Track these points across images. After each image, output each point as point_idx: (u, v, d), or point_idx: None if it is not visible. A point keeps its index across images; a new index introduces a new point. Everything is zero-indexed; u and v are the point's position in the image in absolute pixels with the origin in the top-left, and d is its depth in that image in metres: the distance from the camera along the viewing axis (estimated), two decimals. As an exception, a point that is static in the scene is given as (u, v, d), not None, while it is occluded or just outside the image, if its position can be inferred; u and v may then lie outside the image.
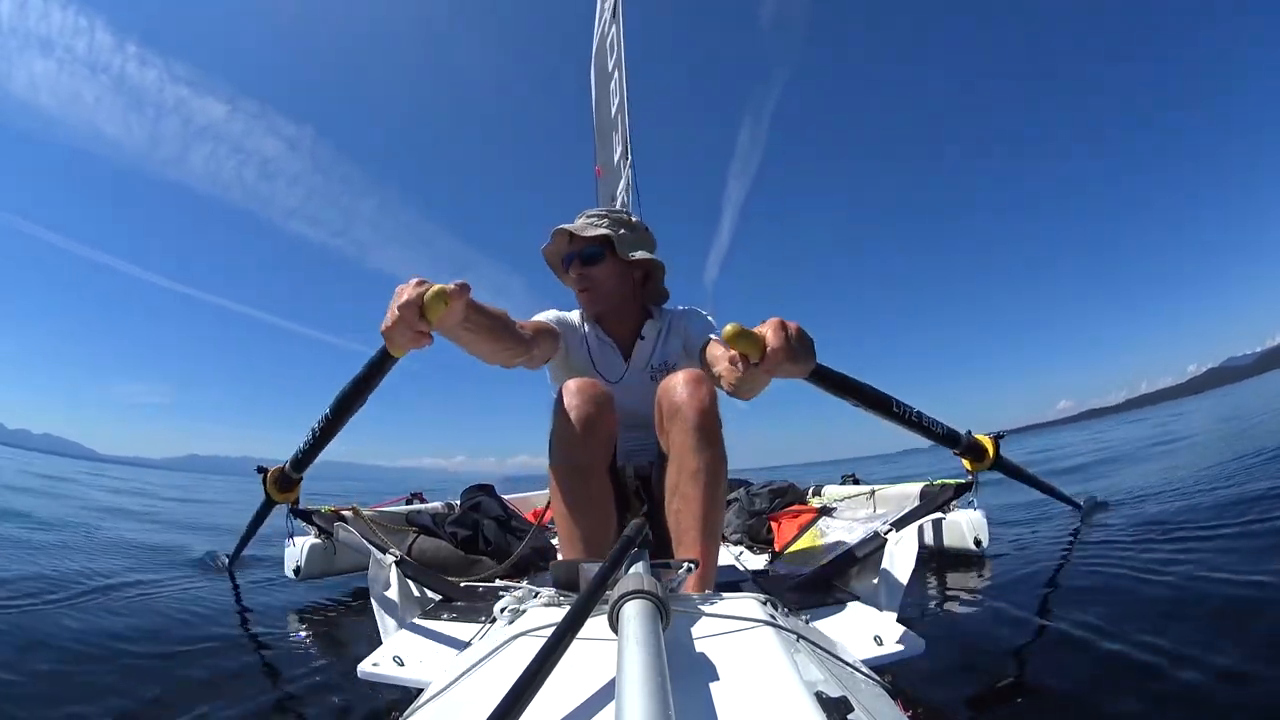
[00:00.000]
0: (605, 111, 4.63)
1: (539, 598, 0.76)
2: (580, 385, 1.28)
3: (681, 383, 1.22)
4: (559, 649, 0.44)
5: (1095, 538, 2.25)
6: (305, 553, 1.82)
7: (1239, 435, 5.59)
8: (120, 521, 4.56)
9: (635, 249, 1.64)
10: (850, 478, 2.93)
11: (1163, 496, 2.90)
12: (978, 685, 1.13)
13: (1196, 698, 0.97)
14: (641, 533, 0.66)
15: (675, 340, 1.69)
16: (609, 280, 1.63)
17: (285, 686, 1.27)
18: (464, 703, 0.52)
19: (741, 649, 0.54)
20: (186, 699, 1.18)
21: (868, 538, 1.47)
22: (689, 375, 1.24)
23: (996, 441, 1.57)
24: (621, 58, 4.39)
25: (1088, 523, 2.52)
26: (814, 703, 0.43)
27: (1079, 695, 1.03)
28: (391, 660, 1.03)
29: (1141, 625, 1.27)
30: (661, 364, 1.67)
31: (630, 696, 0.35)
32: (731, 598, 0.70)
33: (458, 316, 1.04)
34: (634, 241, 1.65)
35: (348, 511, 1.90)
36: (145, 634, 1.58)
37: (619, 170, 4.24)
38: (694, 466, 1.16)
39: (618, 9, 4.54)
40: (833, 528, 2.10)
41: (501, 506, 2.40)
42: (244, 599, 2.06)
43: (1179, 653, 1.11)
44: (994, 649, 1.30)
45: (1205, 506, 2.40)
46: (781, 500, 2.60)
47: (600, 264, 1.61)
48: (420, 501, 2.73)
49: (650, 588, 0.50)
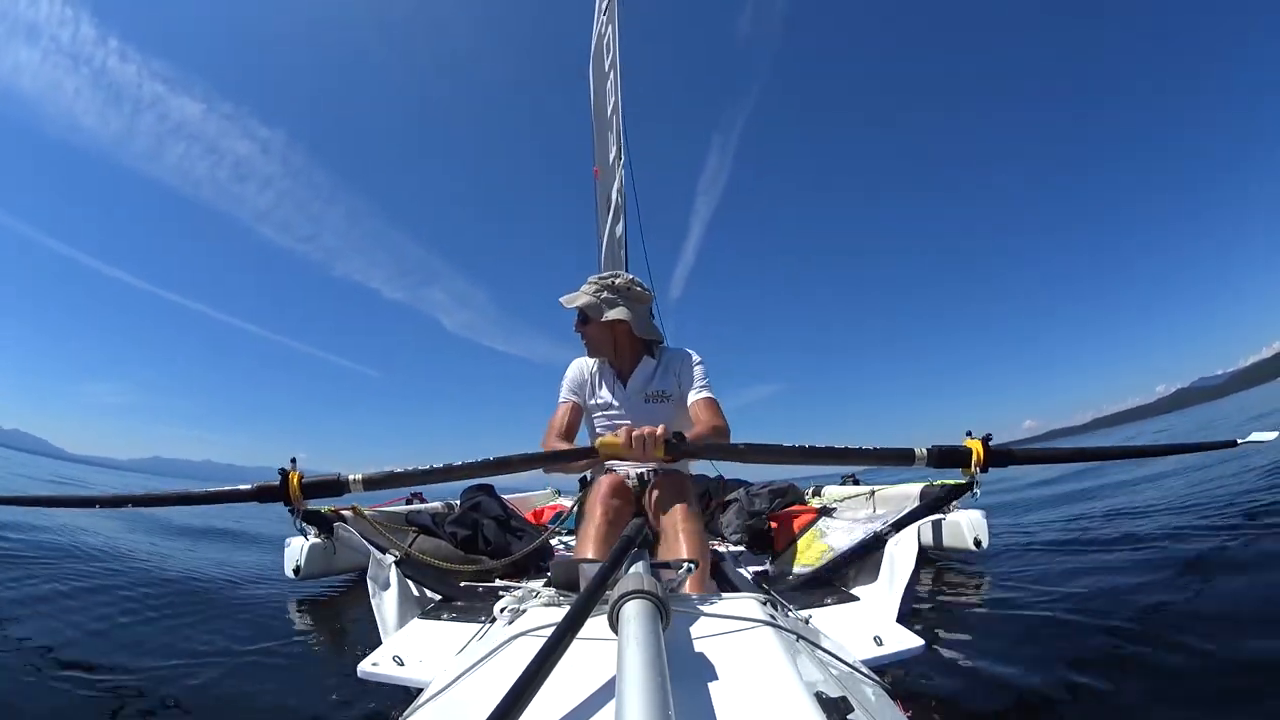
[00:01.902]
0: (602, 111, 4.63)
1: (539, 598, 0.76)
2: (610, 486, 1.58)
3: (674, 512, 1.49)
4: (559, 649, 0.44)
5: (1097, 538, 2.25)
6: (305, 552, 1.82)
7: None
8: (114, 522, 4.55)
9: (612, 309, 1.99)
10: (850, 478, 2.93)
11: (1163, 497, 2.91)
12: (978, 685, 1.13)
13: (1197, 696, 0.97)
14: (641, 533, 0.66)
15: (669, 377, 2.04)
16: (596, 336, 2.05)
17: (285, 686, 1.27)
18: (464, 702, 0.52)
19: (741, 649, 0.54)
20: (186, 699, 1.18)
21: (868, 538, 1.47)
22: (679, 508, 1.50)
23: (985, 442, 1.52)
24: (617, 58, 4.39)
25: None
26: (814, 703, 0.43)
27: (1079, 695, 1.03)
28: (391, 660, 1.03)
29: (1142, 625, 1.27)
30: (658, 392, 2.02)
31: (630, 696, 0.35)
32: (731, 598, 0.70)
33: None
34: (611, 302, 2.00)
35: (348, 511, 1.90)
36: (145, 634, 1.58)
37: (614, 170, 4.24)
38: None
39: (612, 9, 4.55)
40: (833, 528, 2.10)
41: (501, 506, 2.39)
42: (244, 599, 2.06)
43: (1180, 652, 1.11)
44: (994, 649, 1.30)
45: (1205, 507, 2.40)
46: (781, 500, 2.60)
47: (588, 325, 2.03)
48: (420, 501, 2.73)
49: (650, 588, 0.50)
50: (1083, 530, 2.43)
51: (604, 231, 4.41)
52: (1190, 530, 2.07)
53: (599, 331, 2.06)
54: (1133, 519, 2.51)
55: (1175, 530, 2.11)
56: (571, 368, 2.14)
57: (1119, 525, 2.42)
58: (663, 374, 2.06)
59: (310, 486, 1.53)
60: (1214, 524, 2.08)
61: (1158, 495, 3.02)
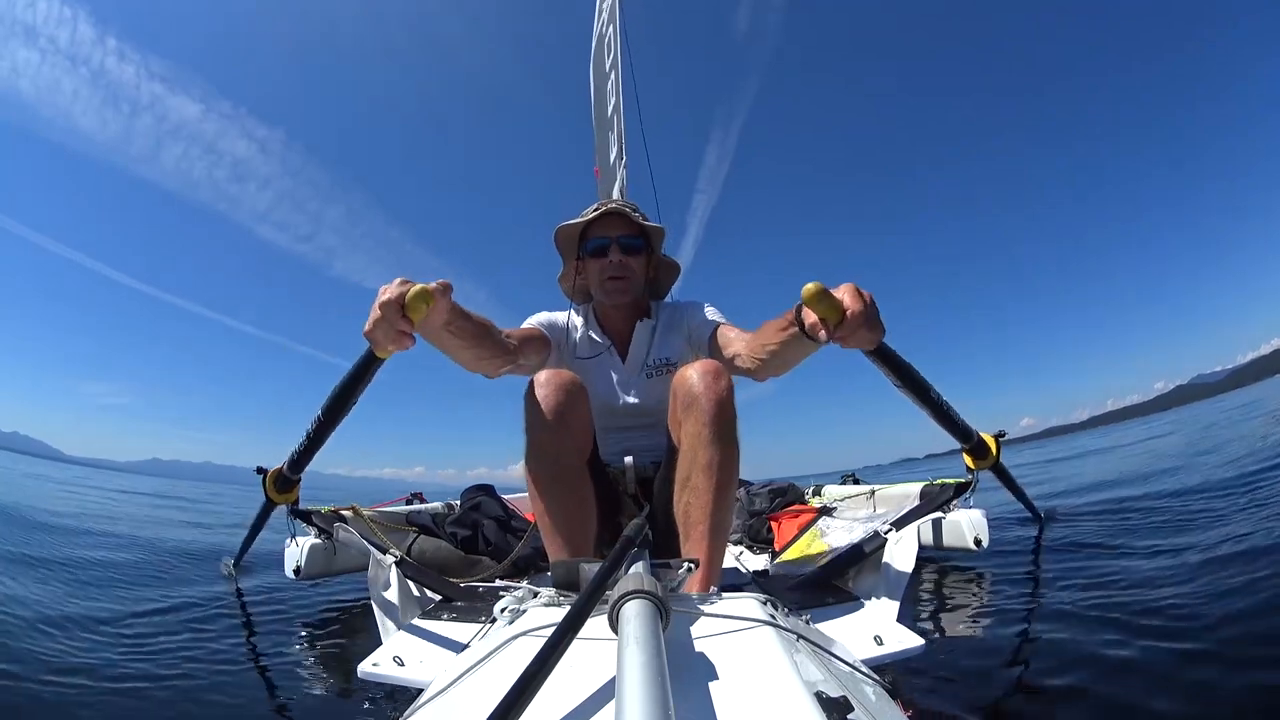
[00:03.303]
0: (603, 110, 4.63)
1: (539, 598, 0.76)
2: (550, 376, 1.24)
3: (698, 374, 1.16)
4: (559, 649, 0.44)
5: (1097, 537, 2.25)
6: (305, 553, 1.82)
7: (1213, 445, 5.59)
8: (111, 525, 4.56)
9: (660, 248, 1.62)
10: (850, 478, 2.92)
11: (1162, 499, 2.91)
12: (978, 685, 1.13)
13: (1198, 695, 0.97)
14: (641, 533, 0.66)
15: (674, 336, 1.64)
16: (641, 274, 1.60)
17: (285, 686, 1.27)
18: (464, 703, 0.52)
19: (741, 649, 0.54)
20: (186, 699, 1.18)
21: (868, 538, 1.47)
22: (706, 366, 1.17)
23: (998, 441, 1.57)
24: (618, 58, 4.39)
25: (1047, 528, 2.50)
26: (814, 703, 0.43)
27: (1079, 694, 1.03)
28: (391, 660, 1.03)
29: (1145, 623, 1.27)
30: (662, 360, 1.62)
31: (630, 696, 0.35)
32: (731, 598, 0.70)
33: (441, 317, 1.04)
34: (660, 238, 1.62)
35: (347, 511, 1.90)
36: (145, 634, 1.58)
37: (614, 170, 4.23)
38: (707, 460, 1.11)
39: (614, 10, 4.55)
40: (833, 528, 2.09)
41: (501, 507, 2.39)
42: (244, 599, 2.06)
43: (1180, 651, 1.11)
44: (994, 649, 1.30)
45: (1202, 507, 2.40)
46: (781, 500, 2.60)
47: (638, 255, 1.58)
48: (420, 501, 2.73)
49: (650, 588, 0.50)
50: (1084, 528, 2.43)
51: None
52: (1198, 521, 2.07)
53: (644, 269, 1.60)
54: (1134, 516, 2.50)
55: (1181, 523, 2.11)
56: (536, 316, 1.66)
57: (1120, 523, 2.42)
58: (664, 336, 1.64)
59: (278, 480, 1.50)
60: (1224, 512, 2.07)
61: (1165, 488, 3.03)
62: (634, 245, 1.57)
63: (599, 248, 1.56)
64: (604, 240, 1.56)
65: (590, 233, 1.59)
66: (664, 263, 1.67)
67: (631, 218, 1.55)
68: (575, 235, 1.63)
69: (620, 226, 1.56)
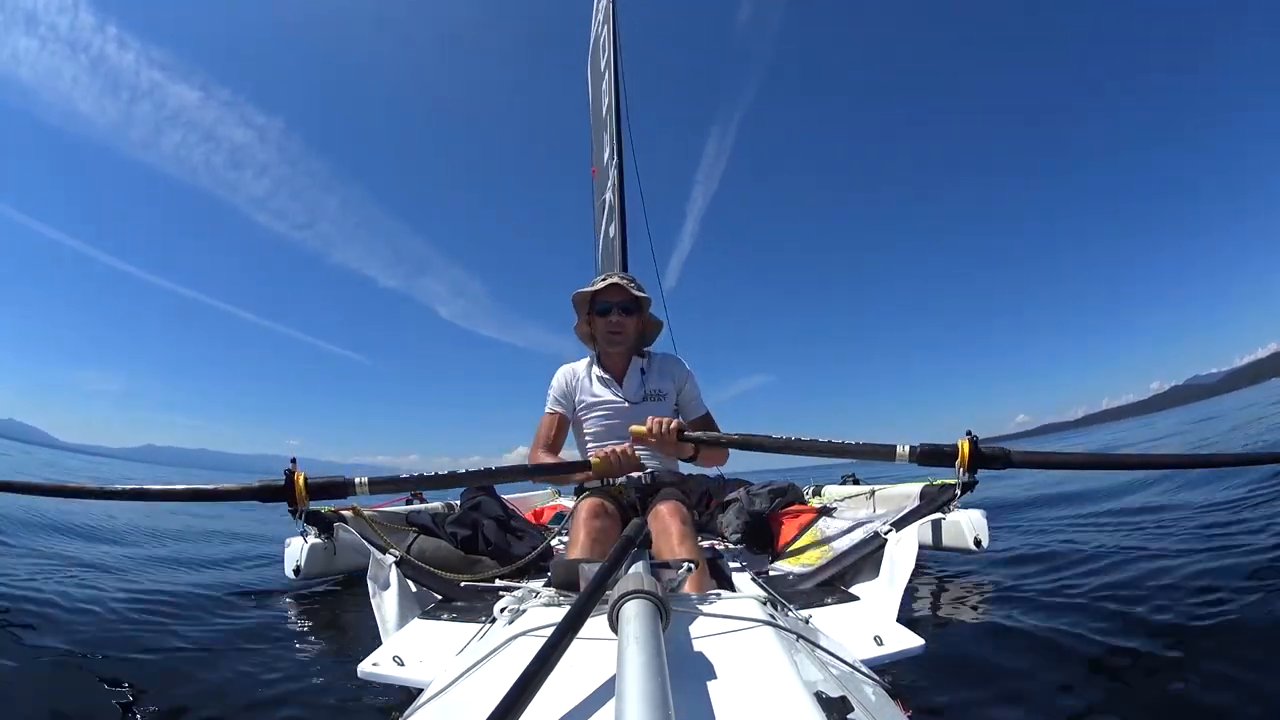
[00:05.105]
0: (598, 111, 4.64)
1: (539, 598, 0.76)
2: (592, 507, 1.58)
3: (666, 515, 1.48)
4: (559, 649, 0.44)
5: (1097, 537, 2.25)
6: (305, 553, 1.82)
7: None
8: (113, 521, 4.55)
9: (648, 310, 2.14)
10: (850, 478, 2.93)
11: (1162, 499, 2.91)
12: (978, 685, 1.13)
13: (1200, 695, 0.97)
14: (641, 533, 0.66)
15: (662, 379, 2.15)
16: (634, 329, 2.13)
17: (285, 686, 1.26)
18: (464, 703, 0.52)
19: (741, 649, 0.54)
20: (187, 699, 1.18)
21: (867, 538, 1.47)
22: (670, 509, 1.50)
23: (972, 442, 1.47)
24: (613, 59, 4.40)
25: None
26: (814, 703, 0.43)
27: (1081, 694, 1.03)
28: (391, 660, 1.03)
29: (1146, 624, 1.27)
30: (653, 390, 2.12)
31: (630, 696, 0.35)
32: (731, 598, 0.70)
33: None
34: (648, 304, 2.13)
35: (347, 511, 1.90)
36: (144, 634, 1.58)
37: (608, 172, 4.24)
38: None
39: (610, 12, 4.56)
40: (833, 528, 2.09)
41: (501, 506, 2.39)
42: (244, 599, 2.06)
43: (1183, 652, 1.11)
44: (994, 649, 1.30)
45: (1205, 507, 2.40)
46: (781, 500, 2.59)
47: (632, 316, 2.11)
48: (420, 501, 2.73)
49: (650, 587, 0.50)
50: (1086, 528, 2.43)
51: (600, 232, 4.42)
52: (1206, 529, 2.06)
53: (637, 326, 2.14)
54: (1137, 515, 2.50)
55: (1186, 527, 2.10)
56: (558, 376, 2.20)
57: (1123, 522, 2.42)
58: (656, 375, 2.16)
59: (316, 488, 1.52)
60: (1228, 515, 2.07)
61: (1168, 488, 3.02)
62: (629, 308, 2.11)
63: (604, 309, 2.10)
64: (607, 305, 2.10)
65: (598, 297, 2.12)
66: (650, 320, 2.22)
67: (628, 289, 2.09)
68: (587, 299, 2.15)
69: (620, 294, 2.09)
